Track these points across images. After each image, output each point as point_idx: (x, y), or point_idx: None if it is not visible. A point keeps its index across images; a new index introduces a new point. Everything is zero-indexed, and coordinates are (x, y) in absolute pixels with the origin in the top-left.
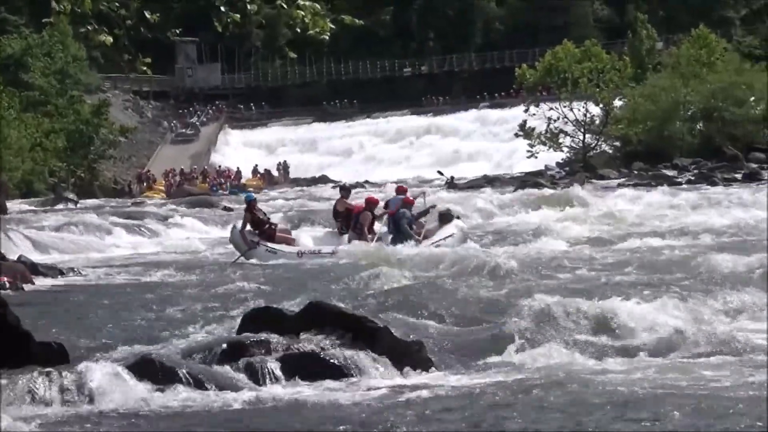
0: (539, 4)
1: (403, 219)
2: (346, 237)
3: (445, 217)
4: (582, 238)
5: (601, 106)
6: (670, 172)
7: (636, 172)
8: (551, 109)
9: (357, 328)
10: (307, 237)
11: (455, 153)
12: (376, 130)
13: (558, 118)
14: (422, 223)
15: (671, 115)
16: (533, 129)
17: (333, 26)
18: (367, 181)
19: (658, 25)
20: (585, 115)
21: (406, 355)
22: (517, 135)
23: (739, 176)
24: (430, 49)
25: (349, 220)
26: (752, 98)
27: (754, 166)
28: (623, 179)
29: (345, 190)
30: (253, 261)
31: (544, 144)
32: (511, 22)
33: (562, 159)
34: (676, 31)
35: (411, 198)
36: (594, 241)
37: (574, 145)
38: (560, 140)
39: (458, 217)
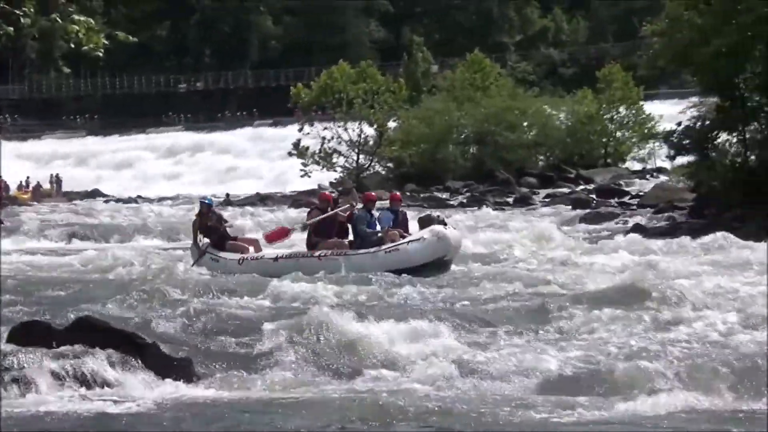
0: (315, 23)
1: (359, 222)
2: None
3: (422, 222)
4: None
5: (375, 127)
6: (442, 195)
7: (408, 193)
8: (326, 128)
9: (125, 343)
10: None
11: (228, 170)
12: (151, 145)
13: (332, 138)
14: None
15: (444, 137)
16: (307, 148)
17: (107, 42)
18: (139, 196)
19: (434, 48)
20: (359, 136)
21: (174, 370)
22: (290, 154)
23: (510, 200)
24: (206, 65)
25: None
26: (525, 123)
27: (526, 190)
28: None
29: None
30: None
31: (318, 163)
32: (288, 41)
33: (335, 179)
34: (451, 54)
35: (373, 195)
36: None
37: (348, 166)
38: (334, 160)
39: (444, 224)
